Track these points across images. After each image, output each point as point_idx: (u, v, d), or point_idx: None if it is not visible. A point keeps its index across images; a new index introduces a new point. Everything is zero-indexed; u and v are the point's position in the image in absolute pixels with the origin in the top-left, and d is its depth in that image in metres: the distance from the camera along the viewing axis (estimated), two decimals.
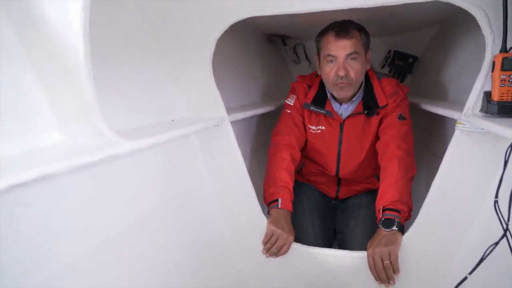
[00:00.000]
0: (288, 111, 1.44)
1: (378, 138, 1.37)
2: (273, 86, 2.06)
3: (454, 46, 1.52)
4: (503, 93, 0.93)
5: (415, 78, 2.03)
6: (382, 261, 1.12)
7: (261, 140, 1.75)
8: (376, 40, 1.41)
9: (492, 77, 0.95)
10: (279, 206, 1.25)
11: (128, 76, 1.06)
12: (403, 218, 1.17)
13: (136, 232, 0.97)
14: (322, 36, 1.28)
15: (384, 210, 1.17)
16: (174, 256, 1.12)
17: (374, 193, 1.27)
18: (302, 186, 1.56)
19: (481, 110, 1.02)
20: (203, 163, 1.34)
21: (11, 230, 0.64)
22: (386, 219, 1.16)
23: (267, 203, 1.29)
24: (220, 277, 1.31)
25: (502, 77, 0.92)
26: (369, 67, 1.36)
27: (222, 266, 1.34)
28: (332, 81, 1.28)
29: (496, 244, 0.87)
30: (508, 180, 0.89)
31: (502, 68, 0.92)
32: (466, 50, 1.38)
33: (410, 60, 2.01)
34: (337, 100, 1.38)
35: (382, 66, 2.11)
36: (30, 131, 0.72)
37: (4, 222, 0.62)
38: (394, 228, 1.14)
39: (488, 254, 0.88)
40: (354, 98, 1.35)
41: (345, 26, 1.24)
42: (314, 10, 1.06)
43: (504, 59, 0.91)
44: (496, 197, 0.89)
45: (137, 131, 0.95)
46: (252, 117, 1.60)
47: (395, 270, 1.12)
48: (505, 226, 0.85)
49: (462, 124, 1.07)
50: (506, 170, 0.89)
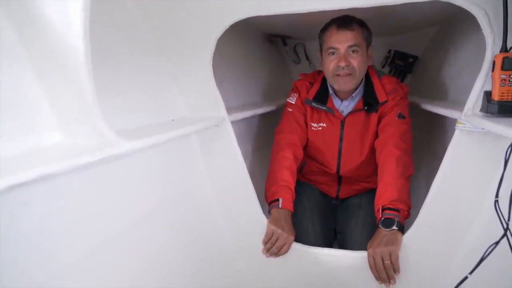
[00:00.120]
0: (289, 110, 1.45)
1: (378, 136, 1.37)
2: (273, 86, 2.06)
3: (454, 46, 1.52)
4: (504, 92, 0.93)
5: (415, 78, 2.03)
6: (383, 261, 1.12)
7: (261, 140, 1.75)
8: (376, 40, 1.41)
9: (492, 76, 0.95)
10: (280, 206, 1.25)
11: (128, 76, 1.06)
12: (403, 217, 1.17)
13: (136, 232, 0.97)
14: (325, 30, 1.30)
15: (383, 209, 1.17)
16: (174, 256, 1.11)
17: (374, 192, 1.27)
18: (302, 185, 1.55)
19: (481, 110, 1.01)
20: (203, 163, 1.34)
21: (11, 230, 0.64)
22: (386, 219, 1.16)
23: (268, 202, 1.30)
24: (220, 277, 1.31)
25: (503, 76, 0.92)
26: (371, 63, 1.37)
27: (222, 266, 1.34)
28: (332, 71, 1.28)
29: (496, 243, 0.87)
30: (508, 179, 0.89)
31: (503, 67, 0.92)
32: (466, 50, 1.38)
33: (410, 60, 2.02)
34: (338, 96, 1.38)
35: (382, 66, 2.11)
36: (30, 131, 0.72)
37: (4, 222, 0.62)
38: (394, 227, 1.14)
39: (488, 254, 0.88)
40: (354, 94, 1.35)
41: (347, 19, 1.26)
42: (314, 10, 1.06)
43: (504, 59, 0.91)
44: (496, 196, 0.89)
45: (137, 131, 0.95)
46: (252, 117, 1.60)
47: (396, 270, 1.12)
48: (505, 225, 0.85)
49: (462, 124, 1.07)
50: (506, 170, 0.90)
